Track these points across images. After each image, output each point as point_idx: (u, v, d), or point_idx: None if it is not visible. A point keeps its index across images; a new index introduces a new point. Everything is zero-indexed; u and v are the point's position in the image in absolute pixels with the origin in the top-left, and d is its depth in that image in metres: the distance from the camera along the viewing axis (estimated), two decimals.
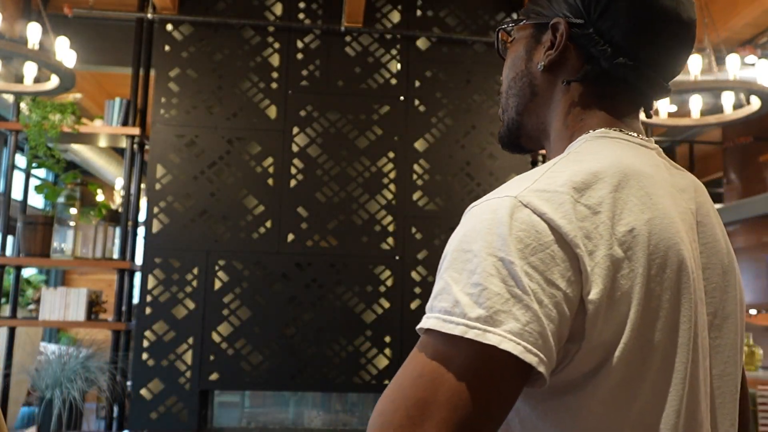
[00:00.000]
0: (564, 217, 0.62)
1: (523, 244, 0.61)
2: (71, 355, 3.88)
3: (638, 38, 0.74)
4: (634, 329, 0.63)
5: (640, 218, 0.65)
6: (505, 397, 0.60)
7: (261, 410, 4.28)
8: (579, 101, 0.77)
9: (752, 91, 3.05)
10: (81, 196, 4.26)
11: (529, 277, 0.60)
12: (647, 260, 0.64)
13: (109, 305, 4.29)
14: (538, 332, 0.59)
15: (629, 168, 0.68)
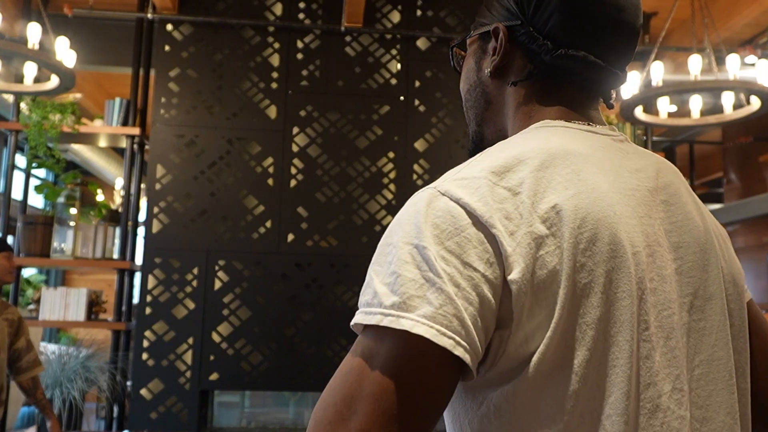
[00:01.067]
0: (480, 200, 0.62)
1: (439, 230, 0.61)
2: (71, 355, 3.88)
3: (575, 27, 0.74)
4: (564, 306, 0.60)
5: (563, 194, 0.63)
6: (432, 387, 0.58)
7: (261, 410, 4.28)
8: (529, 100, 0.77)
9: (752, 91, 3.05)
10: (81, 196, 4.25)
11: (444, 261, 0.60)
12: (573, 235, 0.62)
13: (109, 305, 4.29)
14: (453, 314, 0.58)
15: (557, 149, 0.68)
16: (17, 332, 2.84)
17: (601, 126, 0.77)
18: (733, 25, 4.19)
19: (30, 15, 4.26)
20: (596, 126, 0.76)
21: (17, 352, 2.83)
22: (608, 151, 0.72)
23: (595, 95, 0.79)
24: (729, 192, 6.82)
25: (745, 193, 6.41)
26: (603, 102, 0.81)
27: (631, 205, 0.67)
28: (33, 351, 2.91)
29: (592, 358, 0.61)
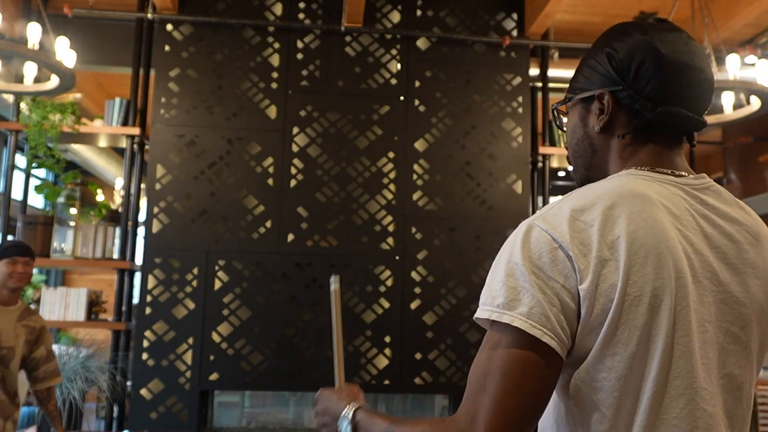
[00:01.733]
0: (563, 231, 0.83)
1: (531, 252, 0.84)
2: (71, 355, 3.88)
3: (670, 89, 0.92)
4: (616, 311, 0.81)
5: (626, 228, 0.83)
6: (533, 366, 0.80)
7: (261, 410, 4.28)
8: (627, 149, 0.96)
9: (752, 91, 3.05)
10: (81, 196, 4.25)
11: (534, 275, 0.82)
12: (629, 259, 0.82)
13: (109, 305, 4.29)
14: (542, 313, 0.80)
15: (627, 192, 0.87)
16: (37, 340, 2.80)
17: (684, 172, 0.94)
18: (733, 25, 4.19)
19: (30, 15, 4.26)
20: (678, 172, 0.94)
21: (35, 360, 2.79)
22: (679, 198, 0.90)
23: (680, 139, 0.97)
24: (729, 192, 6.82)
25: (745, 193, 6.41)
26: (687, 141, 0.99)
27: (684, 243, 0.86)
28: (53, 361, 2.87)
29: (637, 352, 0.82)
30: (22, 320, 2.75)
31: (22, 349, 2.73)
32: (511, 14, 4.42)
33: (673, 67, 0.92)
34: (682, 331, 0.83)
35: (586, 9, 4.54)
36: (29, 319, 2.79)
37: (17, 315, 2.75)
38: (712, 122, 3.47)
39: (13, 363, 2.70)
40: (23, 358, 2.76)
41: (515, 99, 4.31)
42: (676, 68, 0.92)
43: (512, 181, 4.24)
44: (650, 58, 0.92)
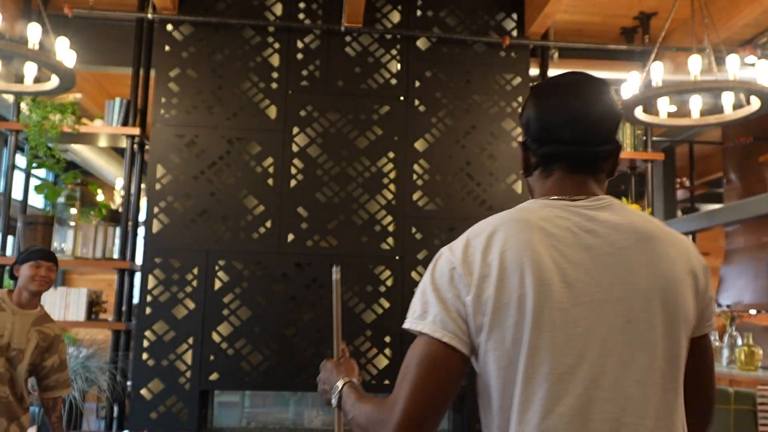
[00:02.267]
0: (456, 256, 1.07)
1: (436, 274, 1.08)
2: (71, 355, 3.88)
3: (544, 130, 1.14)
4: (491, 315, 1.02)
5: (500, 250, 1.04)
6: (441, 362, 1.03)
7: (261, 410, 4.28)
8: (539, 182, 1.18)
9: (752, 92, 3.04)
10: (81, 196, 4.25)
11: (436, 292, 1.06)
12: (499, 274, 1.03)
13: (109, 305, 4.29)
14: (442, 320, 1.04)
15: (510, 219, 1.09)
16: (50, 348, 2.75)
17: (583, 196, 1.12)
18: (733, 25, 4.19)
19: (30, 15, 4.26)
20: (575, 197, 1.11)
21: (46, 369, 2.75)
22: (561, 219, 1.08)
23: (580, 168, 1.13)
24: (729, 192, 6.82)
25: (745, 193, 6.41)
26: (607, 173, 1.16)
27: (556, 255, 1.04)
28: (65, 372, 2.82)
29: (511, 348, 1.02)
30: (36, 325, 2.72)
31: (32, 353, 2.69)
32: (511, 14, 4.42)
33: (545, 113, 1.14)
34: (546, 327, 1.01)
35: (586, 9, 4.54)
36: (44, 326, 2.75)
37: (33, 319, 2.72)
38: (712, 122, 3.47)
39: (21, 366, 2.67)
40: (33, 365, 2.71)
41: (515, 99, 4.31)
42: (548, 113, 1.13)
43: (512, 181, 4.23)
44: (532, 110, 1.16)
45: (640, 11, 4.57)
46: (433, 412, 1.02)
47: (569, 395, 0.99)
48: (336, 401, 1.23)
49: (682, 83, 3.16)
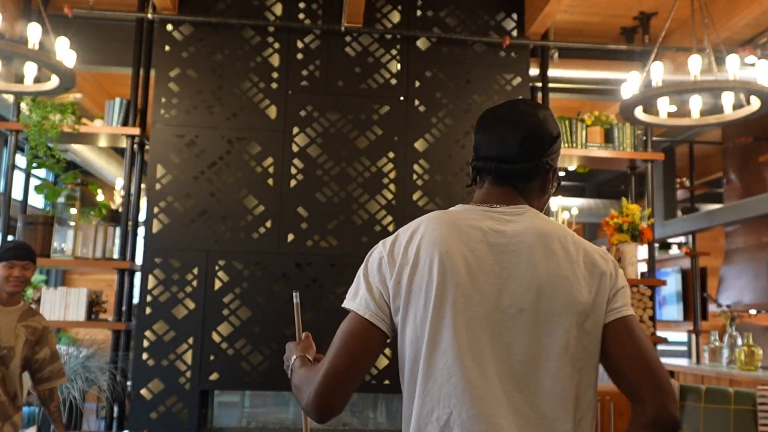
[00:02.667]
0: (386, 247, 1.26)
1: (369, 263, 1.27)
2: (71, 355, 3.88)
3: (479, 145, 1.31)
4: (406, 297, 1.21)
5: (417, 243, 1.22)
6: (364, 334, 1.21)
7: (261, 410, 4.28)
8: (475, 194, 1.34)
9: (752, 92, 3.05)
10: (81, 196, 4.25)
11: (365, 277, 1.26)
12: (415, 262, 1.21)
13: (109, 305, 4.29)
14: (366, 300, 1.22)
15: (432, 218, 1.26)
16: (39, 341, 2.76)
17: (501, 205, 1.28)
18: (733, 25, 4.19)
19: (30, 15, 4.26)
20: (493, 205, 1.28)
21: (38, 362, 2.75)
22: (476, 220, 1.25)
23: (507, 183, 1.29)
24: (729, 192, 6.82)
25: (745, 193, 6.41)
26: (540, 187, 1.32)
27: (464, 249, 1.21)
28: (57, 362, 2.82)
29: (420, 324, 1.19)
30: (22, 320, 2.73)
31: (22, 349, 2.69)
32: (511, 14, 4.43)
33: (483, 131, 1.31)
34: (448, 308, 1.17)
35: (586, 9, 4.54)
36: (31, 320, 2.75)
37: (18, 315, 2.72)
38: (712, 122, 3.47)
39: (13, 363, 2.67)
40: (25, 359, 2.72)
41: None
42: (484, 132, 1.31)
43: None
44: (475, 131, 1.34)
45: (640, 11, 4.57)
46: (349, 377, 1.20)
47: (462, 368, 1.14)
48: (289, 373, 1.38)
49: (682, 83, 3.16)
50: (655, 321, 4.31)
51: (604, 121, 4.56)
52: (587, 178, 8.86)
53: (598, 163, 4.73)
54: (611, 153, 4.46)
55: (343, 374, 1.19)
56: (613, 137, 4.51)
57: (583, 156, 4.46)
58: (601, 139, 4.51)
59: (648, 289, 4.35)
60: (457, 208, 1.30)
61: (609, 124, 4.56)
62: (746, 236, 6.63)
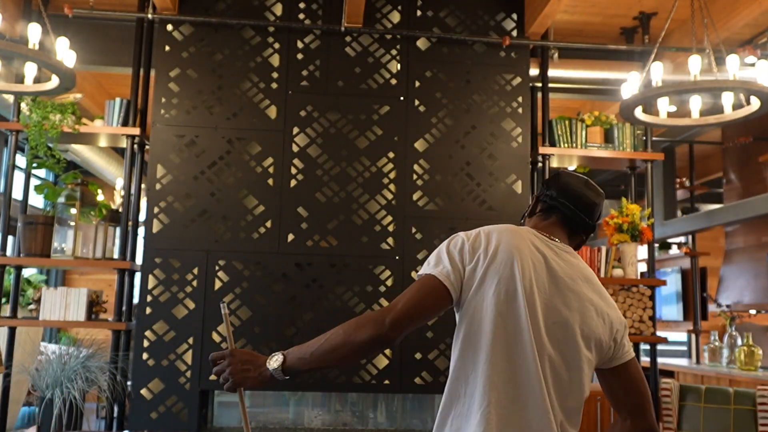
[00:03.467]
0: (469, 238, 1.53)
1: (452, 243, 1.54)
2: (71, 355, 3.88)
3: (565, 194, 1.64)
4: (480, 279, 1.48)
5: (495, 243, 1.51)
6: (437, 293, 1.47)
7: (261, 410, 4.28)
8: (533, 222, 1.67)
9: (752, 92, 3.05)
10: (81, 196, 4.25)
11: (448, 254, 1.51)
12: (492, 256, 1.49)
13: (109, 305, 4.29)
14: (447, 271, 1.48)
15: (508, 228, 1.56)
16: None
17: (558, 240, 1.62)
18: (732, 25, 4.19)
19: (30, 15, 4.26)
20: (553, 239, 1.61)
21: None
22: (538, 244, 1.56)
23: (569, 229, 1.65)
24: (729, 192, 6.82)
25: (745, 193, 6.41)
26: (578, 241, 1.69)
27: (530, 260, 1.51)
28: None
29: (495, 306, 1.46)
30: None
31: None
32: (511, 14, 4.43)
33: (571, 185, 1.65)
34: (513, 299, 1.45)
35: (586, 9, 4.54)
36: None
37: None
38: (712, 122, 3.47)
39: None
40: None
41: (515, 99, 4.31)
42: (573, 187, 1.65)
43: (512, 181, 4.24)
44: (562, 178, 1.67)
45: (640, 11, 4.57)
46: (419, 315, 1.45)
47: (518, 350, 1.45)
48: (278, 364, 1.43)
49: (682, 83, 3.16)
50: (655, 321, 4.31)
51: (604, 121, 4.56)
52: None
53: (598, 163, 4.73)
54: (611, 153, 4.46)
55: (418, 309, 1.44)
56: (613, 137, 4.51)
57: (583, 156, 4.46)
58: (601, 139, 4.51)
59: (648, 289, 4.35)
60: (524, 228, 1.61)
61: (609, 124, 4.56)
62: (746, 236, 6.63)
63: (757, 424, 3.75)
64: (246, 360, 1.44)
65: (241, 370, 1.43)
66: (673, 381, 4.08)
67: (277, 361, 1.42)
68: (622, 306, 4.26)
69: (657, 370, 4.37)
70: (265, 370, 1.42)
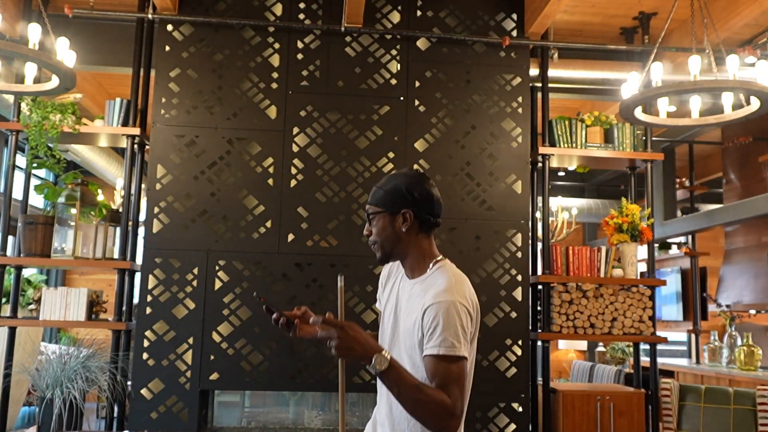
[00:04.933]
0: (470, 303, 1.68)
1: (463, 318, 1.63)
2: (71, 355, 3.88)
3: (435, 211, 1.78)
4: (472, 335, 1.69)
5: (477, 303, 1.73)
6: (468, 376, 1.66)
7: (261, 410, 4.29)
8: (426, 241, 1.80)
9: (752, 92, 3.05)
10: (81, 196, 4.25)
11: (463, 330, 1.63)
12: (477, 318, 1.73)
13: (109, 305, 4.29)
14: (467, 347, 1.63)
15: (463, 276, 1.76)
16: None
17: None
18: (732, 25, 4.19)
19: (30, 15, 4.26)
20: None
21: None
22: None
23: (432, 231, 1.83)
24: (728, 192, 6.82)
25: (745, 193, 6.41)
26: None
27: None
28: None
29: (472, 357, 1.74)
30: None
31: None
32: (511, 14, 4.43)
33: (434, 197, 1.77)
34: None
35: (585, 9, 4.54)
36: None
37: None
38: (712, 122, 3.47)
39: None
40: None
41: (515, 99, 4.32)
42: (435, 198, 1.77)
43: (512, 181, 4.24)
44: (429, 194, 1.77)
45: (640, 11, 4.57)
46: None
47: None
48: (384, 367, 1.50)
49: (682, 83, 3.16)
50: (655, 321, 4.31)
51: (604, 121, 4.56)
52: (587, 178, 8.86)
53: (598, 163, 4.73)
54: (611, 153, 4.46)
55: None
56: (613, 137, 4.51)
57: (583, 156, 4.46)
58: (600, 139, 4.51)
59: (648, 289, 4.35)
60: (447, 261, 1.79)
61: (609, 124, 4.56)
62: (746, 236, 6.63)
63: (756, 424, 3.75)
64: (356, 339, 1.52)
65: (348, 347, 1.51)
66: (673, 381, 4.08)
67: (381, 364, 1.51)
68: (622, 306, 4.26)
69: (657, 370, 4.37)
70: (368, 360, 1.50)
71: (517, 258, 4.17)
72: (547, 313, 4.27)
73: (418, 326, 1.64)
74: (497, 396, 4.04)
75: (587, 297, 4.25)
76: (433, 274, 1.74)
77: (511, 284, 4.15)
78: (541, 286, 4.30)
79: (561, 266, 4.29)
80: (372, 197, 1.80)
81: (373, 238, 1.81)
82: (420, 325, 1.63)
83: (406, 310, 1.76)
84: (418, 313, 1.65)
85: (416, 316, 1.66)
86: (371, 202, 1.80)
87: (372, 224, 1.81)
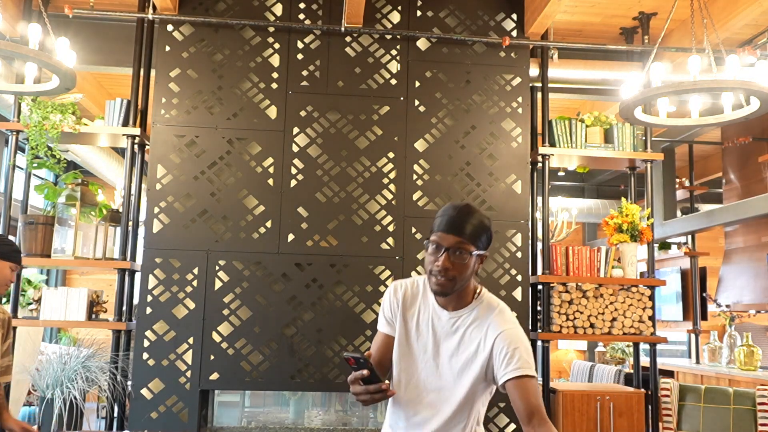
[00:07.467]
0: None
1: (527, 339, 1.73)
2: (72, 355, 3.88)
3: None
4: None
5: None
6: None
7: (261, 410, 4.29)
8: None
9: (751, 92, 3.05)
10: (81, 196, 4.25)
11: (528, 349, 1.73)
12: None
13: (109, 305, 4.29)
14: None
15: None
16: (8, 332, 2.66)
17: None
18: (732, 25, 4.19)
19: (31, 15, 4.26)
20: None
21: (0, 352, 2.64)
22: None
23: None
24: (728, 192, 6.82)
25: (745, 193, 6.41)
26: None
27: None
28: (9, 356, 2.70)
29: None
30: None
31: None
32: (511, 14, 4.43)
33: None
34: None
35: (585, 9, 4.55)
36: None
37: None
38: (712, 123, 3.47)
39: None
40: None
41: (515, 99, 4.32)
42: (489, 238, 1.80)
43: (512, 181, 4.24)
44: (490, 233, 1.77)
45: (640, 11, 4.58)
46: None
47: None
48: None
49: (682, 83, 3.16)
50: (655, 321, 4.31)
51: (604, 121, 4.56)
52: (587, 179, 8.87)
53: (598, 163, 4.73)
54: (611, 153, 4.47)
55: None
56: (613, 137, 4.52)
57: (583, 156, 4.46)
58: (600, 139, 4.52)
59: (648, 289, 4.35)
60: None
61: (609, 124, 4.56)
62: (746, 236, 6.64)
63: (756, 424, 3.75)
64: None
65: None
66: (673, 381, 4.08)
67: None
68: (622, 306, 4.26)
69: (657, 370, 4.37)
70: None
71: (517, 258, 4.17)
72: (547, 313, 4.27)
73: (487, 354, 1.69)
74: (497, 396, 4.01)
75: (587, 297, 4.25)
76: (483, 303, 1.77)
77: (511, 284, 4.15)
78: (541, 286, 4.31)
79: (561, 266, 4.29)
80: (460, 230, 1.64)
81: (452, 274, 1.66)
82: (490, 353, 1.69)
83: (458, 340, 1.75)
84: (482, 341, 1.71)
85: (479, 344, 1.71)
86: (465, 238, 1.65)
87: (453, 258, 1.65)
